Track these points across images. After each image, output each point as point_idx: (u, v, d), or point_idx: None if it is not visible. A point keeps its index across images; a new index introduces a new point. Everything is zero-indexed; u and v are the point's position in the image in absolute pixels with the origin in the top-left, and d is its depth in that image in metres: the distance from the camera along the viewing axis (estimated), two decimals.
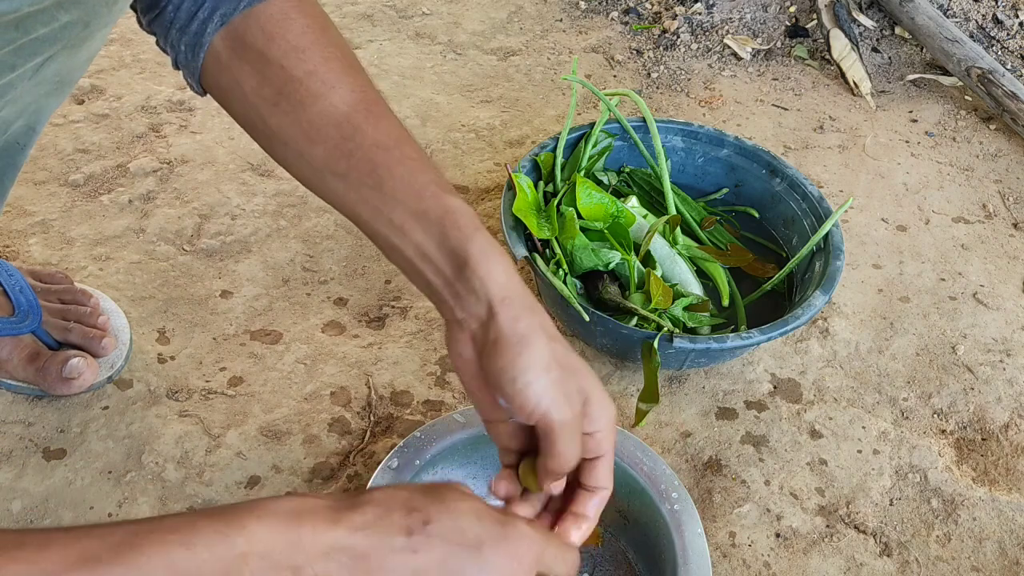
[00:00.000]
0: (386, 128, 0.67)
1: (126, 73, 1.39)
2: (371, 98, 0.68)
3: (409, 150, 0.66)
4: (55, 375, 0.90)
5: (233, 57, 0.69)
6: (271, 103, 0.69)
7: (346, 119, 0.67)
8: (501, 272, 0.61)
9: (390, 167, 0.65)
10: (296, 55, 0.67)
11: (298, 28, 0.68)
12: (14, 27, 0.57)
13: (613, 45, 1.60)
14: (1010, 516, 0.95)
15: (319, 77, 0.67)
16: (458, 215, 0.63)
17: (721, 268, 1.09)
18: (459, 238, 0.63)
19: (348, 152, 0.66)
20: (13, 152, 0.77)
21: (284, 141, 0.70)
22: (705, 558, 0.76)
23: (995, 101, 1.47)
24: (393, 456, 0.80)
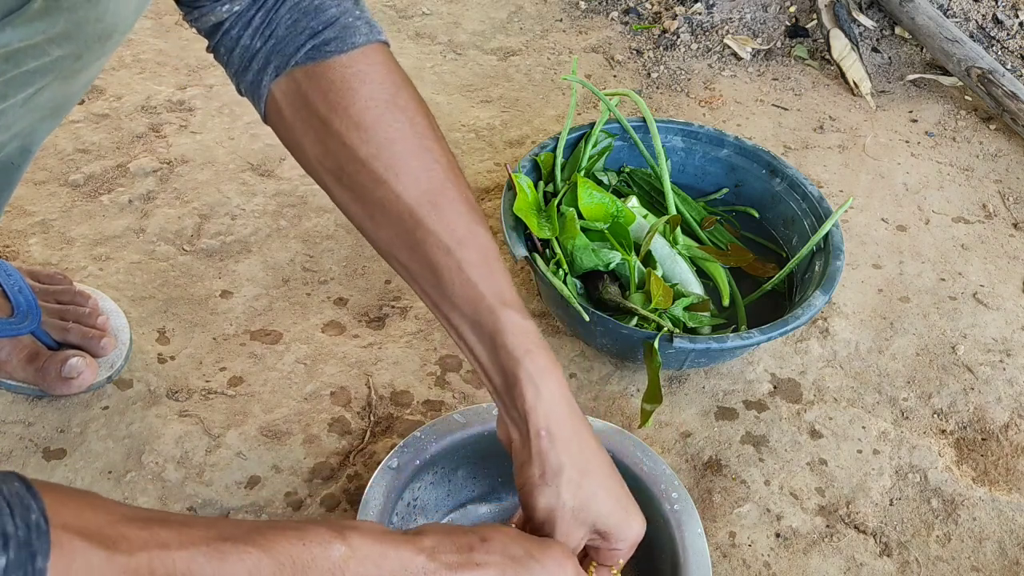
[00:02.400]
0: (449, 223, 0.65)
1: (126, 73, 1.39)
2: (436, 185, 0.66)
3: (471, 252, 0.65)
4: (54, 375, 0.90)
5: (296, 119, 0.66)
6: (335, 177, 0.67)
7: (409, 213, 0.65)
8: (545, 402, 0.64)
9: (450, 270, 0.64)
10: (358, 133, 0.64)
11: (361, 101, 0.65)
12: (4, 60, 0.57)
13: (613, 45, 1.60)
14: (1010, 516, 0.95)
15: (382, 162, 0.64)
16: (509, 335, 0.64)
17: (721, 268, 1.09)
18: (508, 359, 0.64)
19: (410, 245, 0.65)
20: (9, 171, 0.76)
21: (350, 214, 0.69)
22: (705, 558, 0.76)
23: (995, 101, 1.47)
24: (393, 456, 0.80)
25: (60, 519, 0.44)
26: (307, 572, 0.51)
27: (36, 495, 0.44)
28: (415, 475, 0.80)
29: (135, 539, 0.46)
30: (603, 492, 0.66)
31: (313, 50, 0.65)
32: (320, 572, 0.52)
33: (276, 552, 0.50)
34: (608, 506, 0.66)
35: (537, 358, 0.64)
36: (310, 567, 0.51)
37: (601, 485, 0.66)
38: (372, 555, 0.54)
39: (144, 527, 0.47)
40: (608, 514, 0.66)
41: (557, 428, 0.64)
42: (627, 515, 0.67)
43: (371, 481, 0.78)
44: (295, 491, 0.89)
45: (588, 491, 0.65)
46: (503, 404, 0.66)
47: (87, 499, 0.47)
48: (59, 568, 0.42)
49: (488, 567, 0.57)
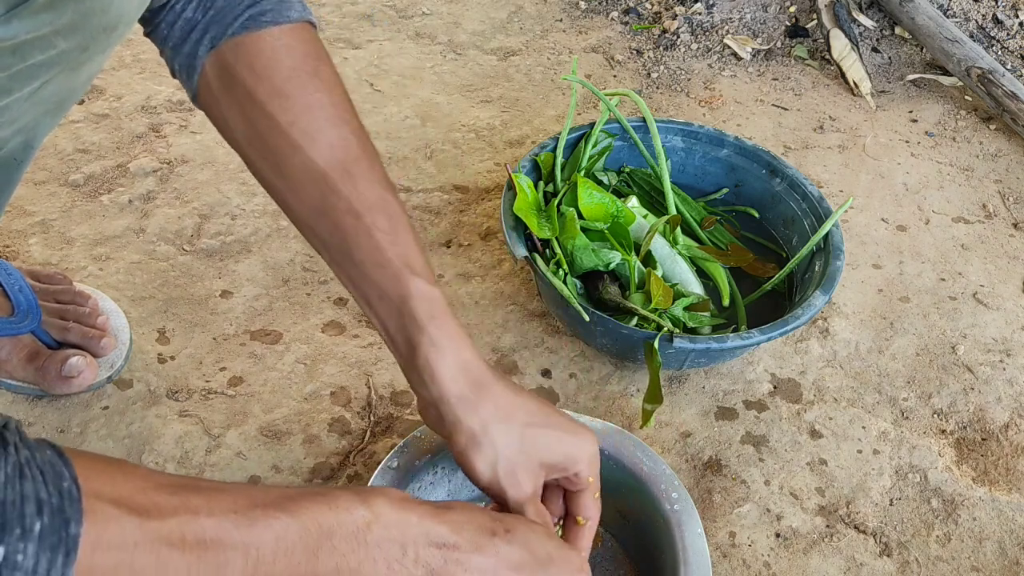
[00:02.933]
0: (362, 190, 0.66)
1: (126, 73, 1.39)
2: (352, 154, 0.67)
3: (380, 218, 0.66)
4: (55, 374, 0.90)
5: (223, 90, 0.68)
6: (257, 150, 0.69)
7: (323, 177, 0.66)
8: (451, 365, 0.64)
9: (358, 238, 0.66)
10: (279, 101, 0.67)
11: (285, 70, 0.67)
12: (10, 53, 0.57)
13: (613, 45, 1.60)
14: (1010, 516, 0.95)
15: (300, 127, 0.67)
16: (415, 300, 0.65)
17: (721, 268, 1.09)
18: (412, 325, 0.65)
19: (323, 211, 0.67)
20: (10, 168, 0.76)
21: (270, 184, 0.71)
22: (705, 558, 0.76)
23: (995, 101, 1.47)
24: (393, 456, 0.80)
25: (92, 487, 0.44)
26: (332, 536, 0.52)
27: (68, 463, 0.44)
28: (415, 475, 0.80)
29: (166, 506, 0.47)
30: (536, 428, 0.66)
31: (249, 20, 0.67)
32: (344, 536, 0.53)
33: (303, 517, 0.51)
34: (547, 438, 0.67)
35: (442, 324, 0.65)
36: (335, 531, 0.52)
37: (532, 423, 0.66)
38: (396, 521, 0.55)
39: (175, 494, 0.48)
40: (550, 445, 0.67)
41: (469, 388, 0.65)
42: (571, 436, 0.68)
43: (371, 481, 0.77)
44: None
45: (520, 434, 0.66)
46: (412, 376, 0.67)
47: (119, 466, 0.48)
48: (92, 535, 0.43)
49: (506, 556, 0.58)
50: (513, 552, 0.59)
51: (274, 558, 0.50)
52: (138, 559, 0.45)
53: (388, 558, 0.54)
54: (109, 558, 0.44)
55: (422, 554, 0.55)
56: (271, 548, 0.50)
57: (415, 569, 0.55)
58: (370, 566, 0.54)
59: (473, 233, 1.19)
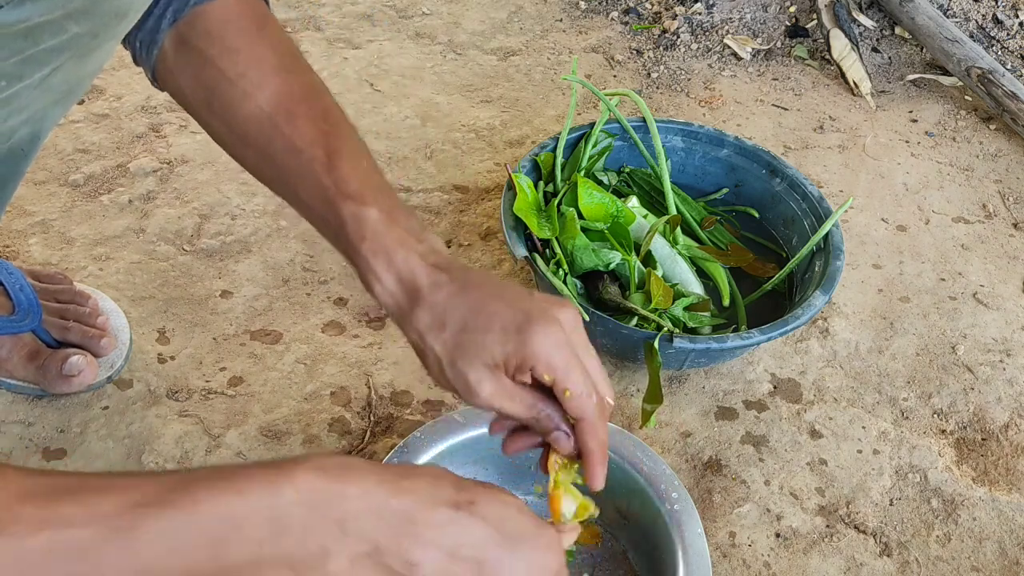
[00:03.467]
0: (303, 128, 0.68)
1: (126, 73, 1.39)
2: (295, 97, 0.69)
3: (319, 150, 0.66)
4: (55, 373, 0.90)
5: (178, 58, 0.70)
6: (206, 105, 0.70)
7: (268, 120, 0.68)
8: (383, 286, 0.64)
9: (299, 173, 0.66)
10: (229, 57, 0.69)
11: (235, 29, 0.69)
12: (23, 37, 0.57)
13: (613, 45, 1.60)
14: (1010, 516, 0.95)
15: (248, 79, 0.68)
16: (347, 224, 0.65)
17: (721, 268, 1.09)
18: (351, 252, 0.65)
19: (270, 156, 0.68)
20: (17, 159, 0.77)
21: (224, 143, 0.72)
22: (705, 558, 0.76)
23: (995, 101, 1.47)
24: (393, 456, 0.80)
25: None
26: (241, 527, 0.45)
27: None
28: None
29: (30, 519, 0.41)
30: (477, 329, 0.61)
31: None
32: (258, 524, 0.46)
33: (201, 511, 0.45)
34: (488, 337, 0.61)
35: (372, 243, 0.63)
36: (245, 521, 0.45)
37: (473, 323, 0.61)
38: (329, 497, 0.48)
39: (45, 503, 0.42)
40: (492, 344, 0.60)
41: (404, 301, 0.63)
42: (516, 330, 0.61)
43: None
44: None
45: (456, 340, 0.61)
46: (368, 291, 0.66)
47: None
48: None
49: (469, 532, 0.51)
50: (476, 527, 0.51)
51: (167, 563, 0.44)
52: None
53: (322, 541, 0.47)
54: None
55: (367, 529, 0.48)
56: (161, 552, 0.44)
57: (358, 546, 0.48)
58: (301, 552, 0.47)
59: (473, 233, 1.19)
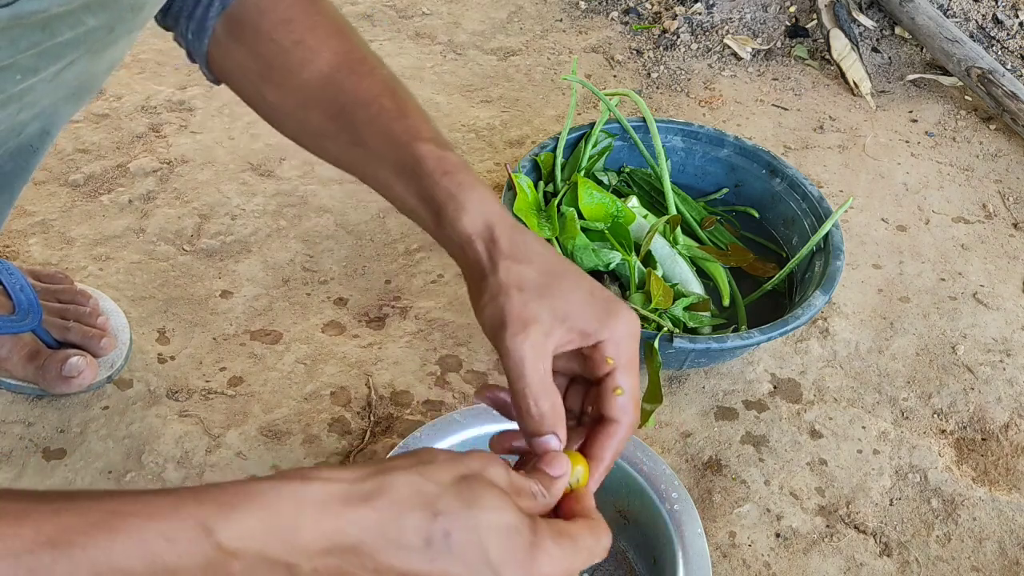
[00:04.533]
0: (367, 84, 0.68)
1: (126, 73, 1.39)
2: (355, 57, 0.70)
3: (387, 101, 0.67)
4: (55, 373, 0.90)
5: (230, 39, 0.71)
6: (265, 77, 0.71)
7: (330, 81, 0.68)
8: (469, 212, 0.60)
9: (369, 122, 0.67)
10: (284, 27, 0.69)
11: (287, 2, 0.70)
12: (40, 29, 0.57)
13: (613, 45, 1.60)
14: (1010, 516, 0.95)
15: (306, 45, 0.69)
16: (427, 160, 0.63)
17: (721, 268, 1.09)
18: (430, 185, 0.62)
19: (335, 114, 0.68)
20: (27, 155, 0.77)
21: (284, 112, 0.72)
22: (705, 558, 0.76)
23: (995, 101, 1.47)
24: None
25: None
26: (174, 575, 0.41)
27: None
28: None
29: None
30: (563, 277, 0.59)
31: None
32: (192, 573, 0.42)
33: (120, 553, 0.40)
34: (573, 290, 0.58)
35: (456, 176, 0.62)
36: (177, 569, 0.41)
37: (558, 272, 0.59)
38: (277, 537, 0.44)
39: None
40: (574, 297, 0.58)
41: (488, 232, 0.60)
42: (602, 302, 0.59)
43: None
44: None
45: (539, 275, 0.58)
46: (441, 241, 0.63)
47: None
48: None
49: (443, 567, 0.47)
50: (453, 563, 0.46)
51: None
52: None
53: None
54: None
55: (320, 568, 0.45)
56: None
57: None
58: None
59: None
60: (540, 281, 0.58)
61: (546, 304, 0.57)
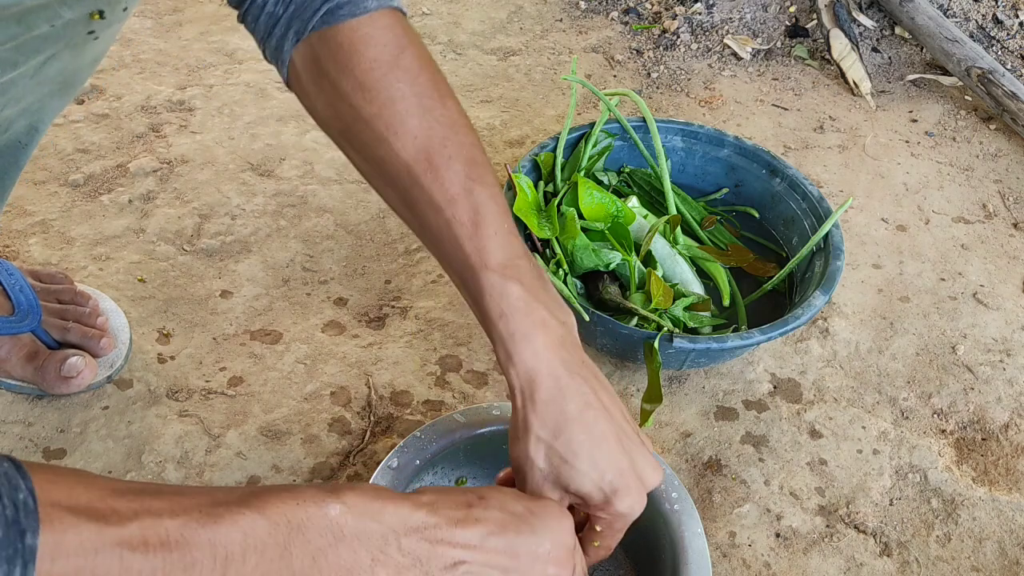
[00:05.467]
0: (443, 182, 0.66)
1: (126, 73, 1.39)
2: (434, 144, 0.67)
3: (460, 211, 0.66)
4: (54, 374, 0.90)
5: (310, 81, 0.69)
6: (344, 138, 0.70)
7: (406, 171, 0.66)
8: (520, 363, 0.64)
9: (440, 230, 0.66)
10: (363, 94, 0.67)
11: (367, 62, 0.67)
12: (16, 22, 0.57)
13: (613, 45, 1.60)
14: (1010, 516, 0.95)
15: (383, 120, 0.66)
16: (487, 297, 0.65)
17: (722, 268, 1.09)
18: (487, 323, 0.66)
19: (408, 204, 0.68)
20: (15, 150, 0.77)
21: (363, 173, 0.72)
22: (705, 558, 0.76)
23: (995, 101, 1.47)
24: (393, 456, 0.80)
25: (50, 497, 0.44)
26: (303, 531, 0.51)
27: (25, 475, 0.44)
28: (415, 475, 0.80)
29: (125, 511, 0.46)
30: (581, 457, 0.64)
31: (327, 14, 0.67)
32: (317, 530, 0.52)
33: (270, 513, 0.51)
34: (586, 474, 0.64)
35: (510, 322, 0.64)
36: (306, 525, 0.52)
37: (580, 451, 0.64)
38: (370, 511, 0.54)
39: (135, 499, 0.47)
40: (585, 481, 0.64)
41: (531, 388, 0.64)
42: (610, 487, 0.65)
43: (371, 481, 0.78)
44: None
45: (560, 453, 0.64)
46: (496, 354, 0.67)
47: (78, 476, 0.48)
48: (49, 544, 0.43)
49: (487, 522, 0.58)
50: (493, 515, 0.59)
51: (244, 555, 0.49)
52: (100, 564, 0.44)
53: (371, 549, 0.54)
54: (69, 566, 0.44)
55: (404, 543, 0.55)
56: (239, 545, 0.49)
57: (401, 558, 0.55)
58: (351, 558, 0.53)
59: None
60: (558, 464, 0.64)
61: (560, 485, 0.65)
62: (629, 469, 0.65)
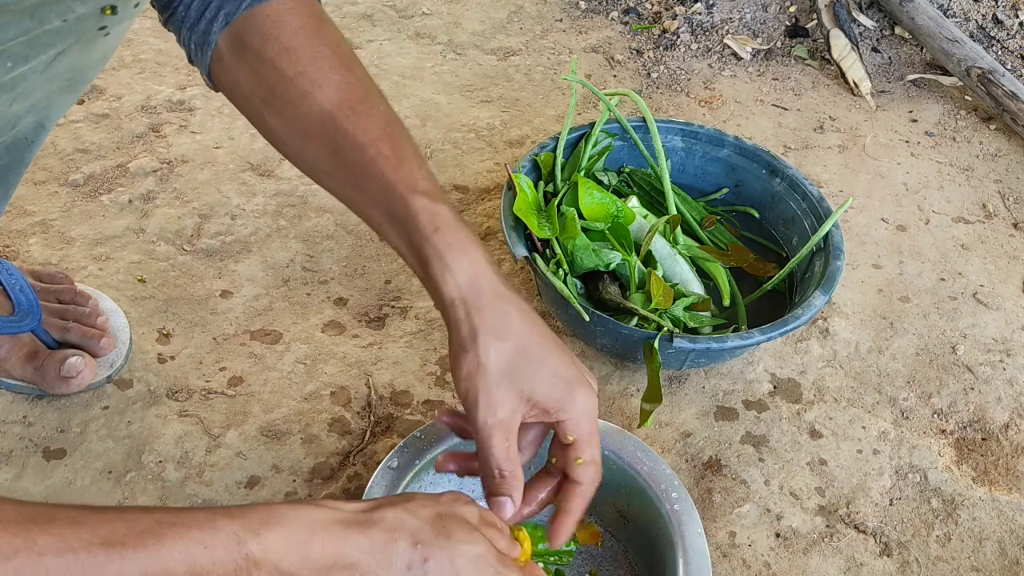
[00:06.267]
0: (366, 125, 0.69)
1: (126, 73, 1.39)
2: (356, 95, 0.70)
3: (385, 147, 0.68)
4: (53, 374, 0.90)
5: (233, 57, 0.71)
6: (266, 102, 0.71)
7: (330, 118, 0.69)
8: (456, 274, 0.64)
9: (365, 166, 0.67)
10: (287, 55, 0.69)
11: (291, 29, 0.70)
12: (29, 16, 0.57)
13: (613, 45, 1.60)
14: (1010, 516, 0.95)
15: (307, 77, 0.69)
16: (419, 216, 0.65)
17: (722, 268, 1.09)
18: (419, 240, 0.65)
19: (332, 151, 0.69)
20: (21, 148, 0.77)
21: (282, 139, 0.73)
22: (705, 558, 0.76)
23: (995, 101, 1.47)
24: (393, 456, 0.80)
25: None
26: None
27: None
28: (415, 475, 0.80)
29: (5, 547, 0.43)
30: (529, 355, 0.64)
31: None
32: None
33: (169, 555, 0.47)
34: (537, 369, 0.64)
35: (446, 235, 0.65)
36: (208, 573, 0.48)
37: (526, 348, 0.64)
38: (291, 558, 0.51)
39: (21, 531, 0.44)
40: (537, 377, 0.64)
41: (472, 297, 0.64)
42: (564, 380, 0.65)
43: (371, 481, 0.78)
44: (295, 491, 0.89)
45: (510, 355, 0.64)
46: (429, 291, 0.67)
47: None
48: None
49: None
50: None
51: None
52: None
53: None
54: None
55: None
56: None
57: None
58: None
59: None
60: (513, 362, 0.64)
61: (515, 387, 0.64)
62: (574, 364, 0.67)
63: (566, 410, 0.65)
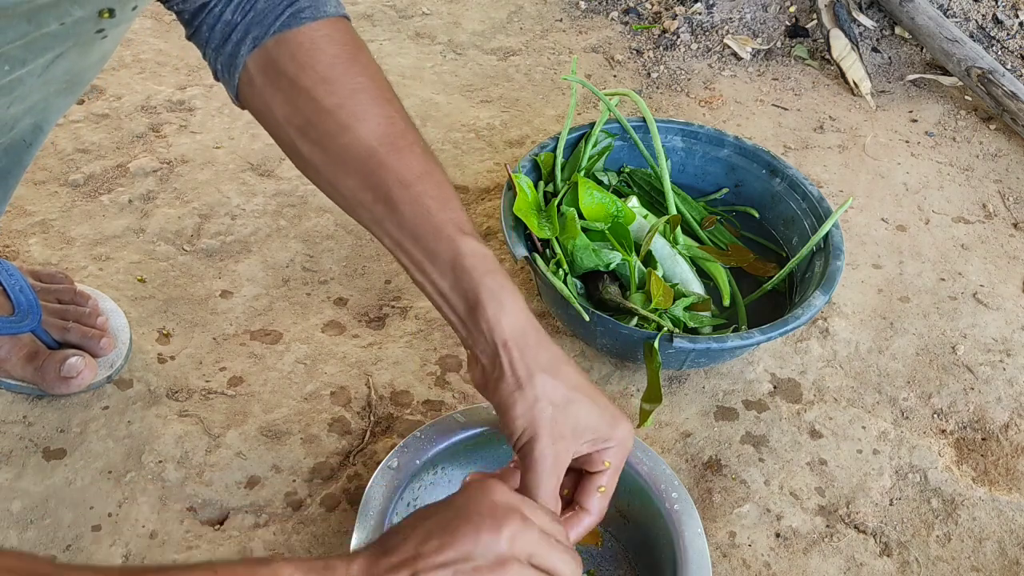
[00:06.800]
0: (409, 163, 0.69)
1: (126, 73, 1.39)
2: (397, 131, 0.70)
3: (429, 186, 0.68)
4: (53, 374, 0.90)
5: (266, 83, 0.70)
6: (301, 132, 0.71)
7: (371, 154, 0.69)
8: (509, 315, 0.66)
9: (409, 204, 0.68)
10: (324, 86, 0.69)
11: (327, 58, 0.70)
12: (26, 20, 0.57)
13: (613, 45, 1.60)
14: (1010, 516, 0.95)
15: (347, 109, 0.69)
16: (469, 258, 0.67)
17: (722, 268, 1.09)
18: (469, 281, 0.66)
19: (373, 186, 0.69)
20: (20, 150, 0.77)
21: (315, 167, 0.72)
22: (705, 558, 0.76)
23: (995, 101, 1.47)
24: (393, 456, 0.80)
25: None
26: None
27: None
28: (415, 475, 0.80)
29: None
30: (580, 394, 0.67)
31: (290, 17, 0.70)
32: None
33: None
34: (588, 406, 0.67)
35: (497, 277, 0.67)
36: None
37: (577, 388, 0.67)
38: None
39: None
40: (589, 414, 0.67)
41: (523, 338, 0.66)
42: (610, 415, 0.69)
43: (371, 481, 0.78)
44: (295, 491, 0.89)
45: (565, 393, 0.66)
46: (467, 331, 0.68)
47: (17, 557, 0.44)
48: None
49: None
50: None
51: None
52: None
53: None
54: None
55: None
56: None
57: None
58: None
59: None
60: (567, 397, 0.66)
61: (571, 421, 0.66)
62: (611, 402, 0.70)
63: (613, 439, 0.68)
